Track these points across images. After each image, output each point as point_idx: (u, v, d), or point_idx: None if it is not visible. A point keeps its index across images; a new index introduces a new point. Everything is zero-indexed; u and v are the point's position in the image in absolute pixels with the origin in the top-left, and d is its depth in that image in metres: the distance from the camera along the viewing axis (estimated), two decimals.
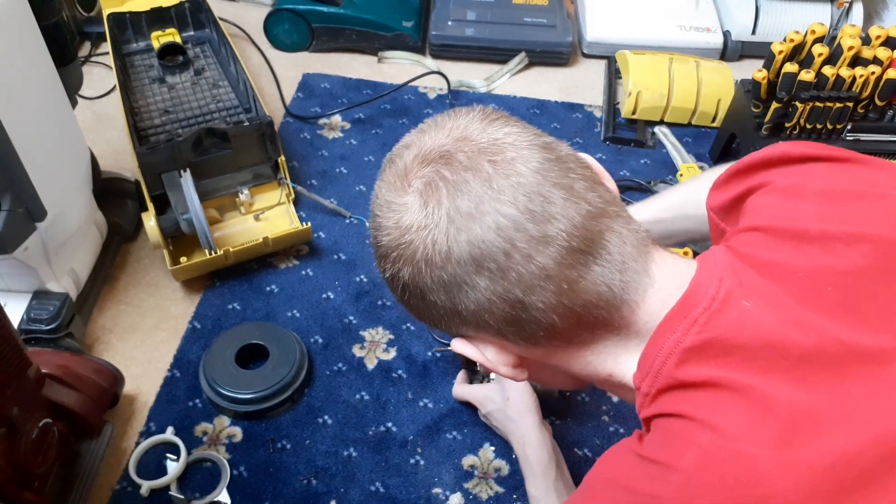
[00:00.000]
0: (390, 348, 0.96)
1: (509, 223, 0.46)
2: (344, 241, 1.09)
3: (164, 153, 0.99)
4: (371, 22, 1.40)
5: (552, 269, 0.46)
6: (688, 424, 0.44)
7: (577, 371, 0.53)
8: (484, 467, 0.85)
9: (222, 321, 0.98)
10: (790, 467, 0.40)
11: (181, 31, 1.29)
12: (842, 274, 0.46)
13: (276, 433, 0.87)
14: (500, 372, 0.54)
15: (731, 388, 0.43)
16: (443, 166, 0.48)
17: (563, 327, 0.49)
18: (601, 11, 1.48)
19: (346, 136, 1.26)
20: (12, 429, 0.66)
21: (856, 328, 0.44)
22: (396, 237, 0.49)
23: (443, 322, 0.52)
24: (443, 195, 0.47)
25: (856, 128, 1.09)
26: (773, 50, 1.06)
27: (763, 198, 0.53)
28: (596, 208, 0.48)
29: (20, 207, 0.80)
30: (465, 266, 0.47)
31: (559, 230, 0.46)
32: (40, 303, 0.88)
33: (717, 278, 0.47)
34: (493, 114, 0.51)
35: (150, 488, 0.81)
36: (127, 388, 0.88)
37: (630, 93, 1.29)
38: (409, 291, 0.51)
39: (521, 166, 0.47)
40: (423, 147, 0.50)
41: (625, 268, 0.48)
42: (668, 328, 0.47)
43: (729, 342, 0.44)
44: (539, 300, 0.47)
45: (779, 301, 0.46)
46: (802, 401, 0.42)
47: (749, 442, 0.41)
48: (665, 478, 0.43)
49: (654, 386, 0.47)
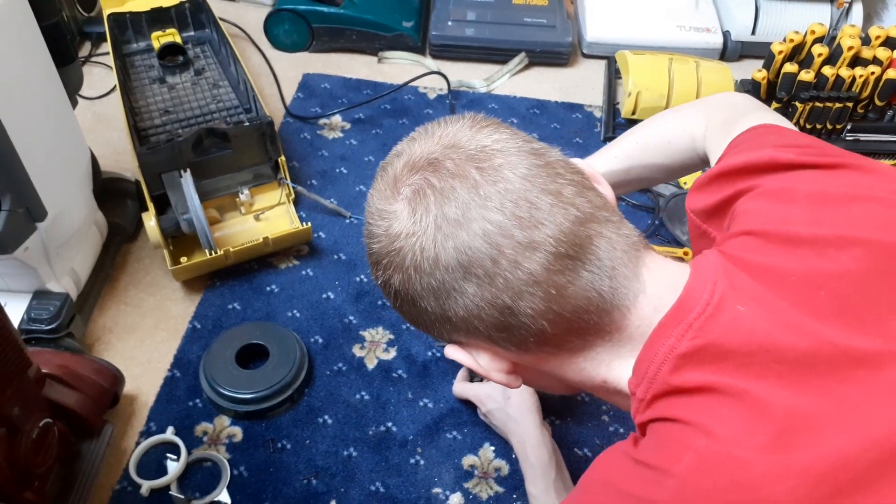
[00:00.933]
0: (390, 348, 0.96)
1: (496, 229, 0.46)
2: (344, 241, 1.09)
3: (164, 153, 0.99)
4: (371, 22, 1.40)
5: (540, 275, 0.46)
6: (683, 429, 0.44)
7: (571, 377, 0.53)
8: (484, 467, 0.85)
9: (222, 321, 0.98)
10: (785, 472, 0.40)
11: (181, 31, 1.29)
12: (834, 277, 0.46)
13: (276, 433, 0.87)
14: (493, 378, 0.54)
15: (726, 392, 0.43)
16: (431, 174, 0.48)
17: (553, 333, 0.49)
18: (601, 11, 1.48)
19: (346, 137, 1.26)
20: (13, 429, 0.66)
21: (849, 331, 0.44)
22: (386, 244, 0.50)
23: (435, 328, 0.52)
24: (430, 202, 0.47)
25: (855, 128, 1.09)
26: (773, 50, 1.06)
27: (753, 202, 0.52)
28: (584, 213, 0.48)
29: (20, 207, 0.80)
30: (452, 272, 0.47)
31: (546, 236, 0.46)
32: (40, 303, 0.88)
33: (711, 283, 0.47)
34: (483, 121, 0.51)
35: (150, 488, 0.81)
36: (127, 387, 0.88)
37: (630, 93, 1.29)
38: (400, 298, 0.51)
39: (508, 172, 0.47)
40: (412, 155, 0.50)
41: (615, 273, 0.48)
42: (663, 334, 0.47)
43: (723, 347, 0.44)
44: (528, 306, 0.47)
45: (772, 304, 0.45)
46: (797, 404, 0.42)
47: (744, 446, 0.41)
48: (661, 482, 0.43)
49: (650, 392, 0.47)
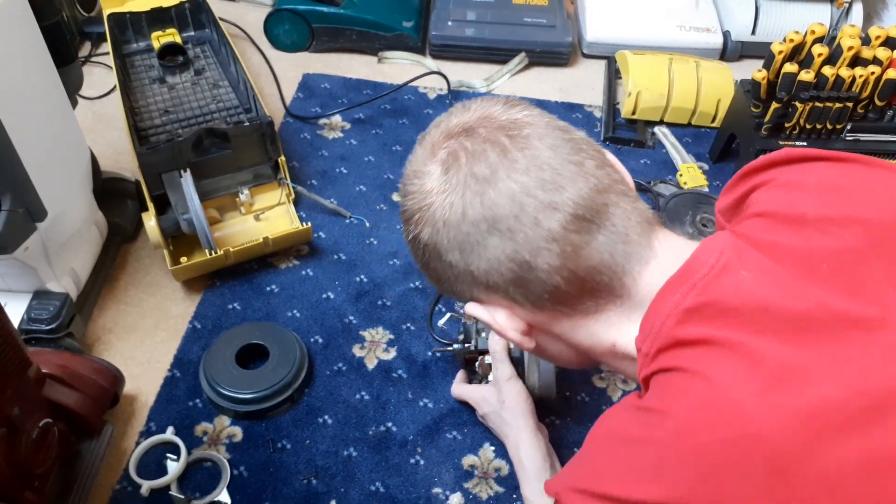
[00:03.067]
0: (390, 348, 0.96)
1: (521, 189, 0.51)
2: (344, 242, 1.09)
3: (164, 153, 0.99)
4: (371, 22, 1.40)
5: (558, 234, 0.51)
6: (683, 376, 0.47)
7: (581, 341, 0.57)
8: (484, 467, 0.85)
9: (222, 321, 0.98)
10: (776, 411, 0.42)
11: (181, 31, 1.29)
12: (836, 252, 0.48)
13: (276, 433, 0.87)
14: (508, 336, 0.58)
15: (726, 345, 0.46)
16: (465, 139, 0.54)
17: (567, 291, 0.53)
18: (601, 11, 1.48)
19: (346, 137, 1.26)
20: (13, 429, 0.66)
21: (847, 298, 0.46)
22: (419, 200, 0.55)
23: (458, 284, 0.57)
24: (462, 162, 0.53)
25: (855, 128, 1.09)
26: (773, 50, 1.06)
27: (766, 192, 0.55)
28: (603, 184, 0.52)
29: (20, 207, 0.80)
30: (478, 226, 0.52)
31: (566, 199, 0.51)
32: (40, 303, 0.88)
33: (718, 251, 0.50)
34: (515, 101, 0.57)
35: (150, 488, 0.81)
36: (127, 387, 0.88)
37: (630, 93, 1.29)
38: (428, 252, 0.56)
39: (536, 142, 0.52)
40: (449, 124, 0.56)
41: (628, 240, 0.52)
42: (669, 291, 0.50)
43: (725, 305, 0.47)
44: (545, 262, 0.51)
45: (774, 273, 0.48)
46: (792, 357, 0.44)
47: (739, 390, 0.44)
48: (659, 423, 0.46)
49: (655, 345, 0.50)
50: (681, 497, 0.44)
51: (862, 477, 0.40)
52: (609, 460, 0.50)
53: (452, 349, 0.89)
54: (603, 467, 0.50)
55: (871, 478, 0.40)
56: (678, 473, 0.44)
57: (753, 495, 0.41)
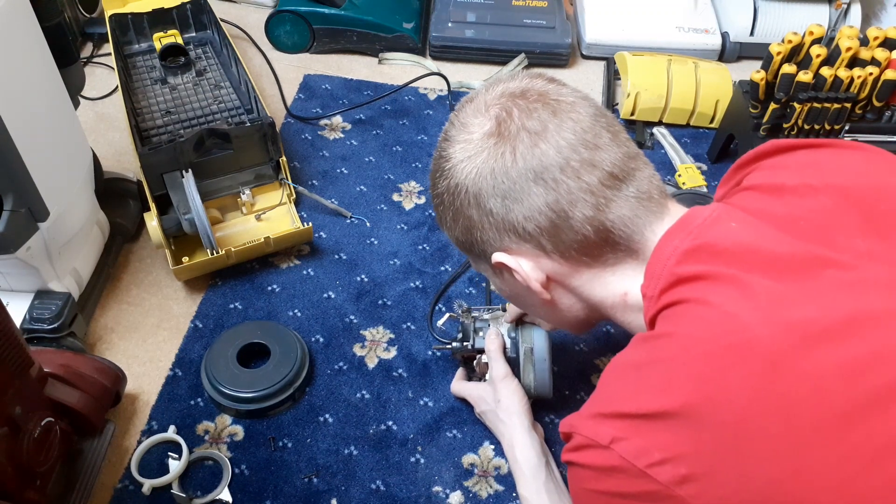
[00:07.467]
0: (391, 347, 0.97)
1: (567, 145, 0.58)
2: (345, 241, 1.09)
3: (166, 154, 0.99)
4: (372, 23, 1.41)
5: (595, 187, 0.58)
6: (686, 306, 0.53)
7: (596, 294, 0.63)
8: (484, 466, 0.86)
9: (224, 320, 0.99)
10: (767, 320, 0.48)
11: (183, 32, 1.29)
12: (812, 210, 0.56)
13: (277, 432, 0.88)
14: (530, 285, 0.63)
15: (720, 278, 0.52)
16: (518, 98, 0.60)
17: (594, 241, 0.60)
18: (600, 13, 1.49)
19: (346, 137, 1.27)
20: (15, 428, 0.67)
21: (822, 245, 0.53)
22: (466, 147, 0.61)
23: (489, 232, 0.62)
24: (515, 116, 0.59)
25: (853, 128, 1.09)
26: (772, 51, 1.06)
27: (753, 175, 0.63)
28: (632, 152, 0.61)
29: (23, 207, 0.81)
30: (525, 175, 0.58)
31: (604, 158, 0.58)
32: (42, 302, 0.88)
33: (711, 209, 0.59)
34: (560, 80, 0.64)
35: (151, 487, 0.81)
36: (129, 386, 0.88)
37: (629, 94, 1.29)
38: (468, 199, 0.61)
39: (579, 109, 0.60)
40: (503, 87, 0.62)
41: (650, 200, 0.60)
42: (669, 239, 0.58)
43: (717, 247, 0.54)
44: (580, 212, 0.58)
45: (759, 226, 0.56)
46: (776, 287, 0.51)
47: (735, 307, 0.50)
48: (665, 344, 0.52)
49: (658, 286, 0.56)
50: (686, 400, 0.48)
51: (839, 377, 0.46)
52: (621, 386, 0.54)
53: (451, 347, 0.89)
54: (615, 393, 0.55)
55: (847, 379, 0.46)
56: (685, 380, 0.49)
57: (752, 389, 0.46)
